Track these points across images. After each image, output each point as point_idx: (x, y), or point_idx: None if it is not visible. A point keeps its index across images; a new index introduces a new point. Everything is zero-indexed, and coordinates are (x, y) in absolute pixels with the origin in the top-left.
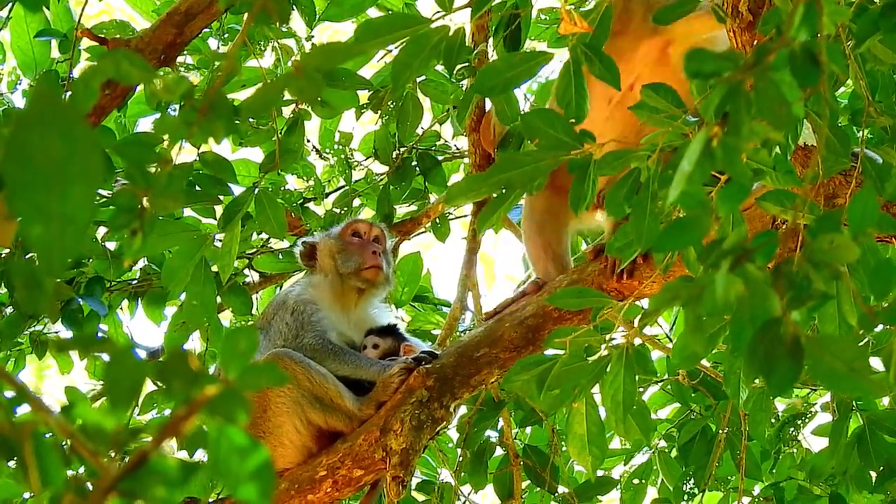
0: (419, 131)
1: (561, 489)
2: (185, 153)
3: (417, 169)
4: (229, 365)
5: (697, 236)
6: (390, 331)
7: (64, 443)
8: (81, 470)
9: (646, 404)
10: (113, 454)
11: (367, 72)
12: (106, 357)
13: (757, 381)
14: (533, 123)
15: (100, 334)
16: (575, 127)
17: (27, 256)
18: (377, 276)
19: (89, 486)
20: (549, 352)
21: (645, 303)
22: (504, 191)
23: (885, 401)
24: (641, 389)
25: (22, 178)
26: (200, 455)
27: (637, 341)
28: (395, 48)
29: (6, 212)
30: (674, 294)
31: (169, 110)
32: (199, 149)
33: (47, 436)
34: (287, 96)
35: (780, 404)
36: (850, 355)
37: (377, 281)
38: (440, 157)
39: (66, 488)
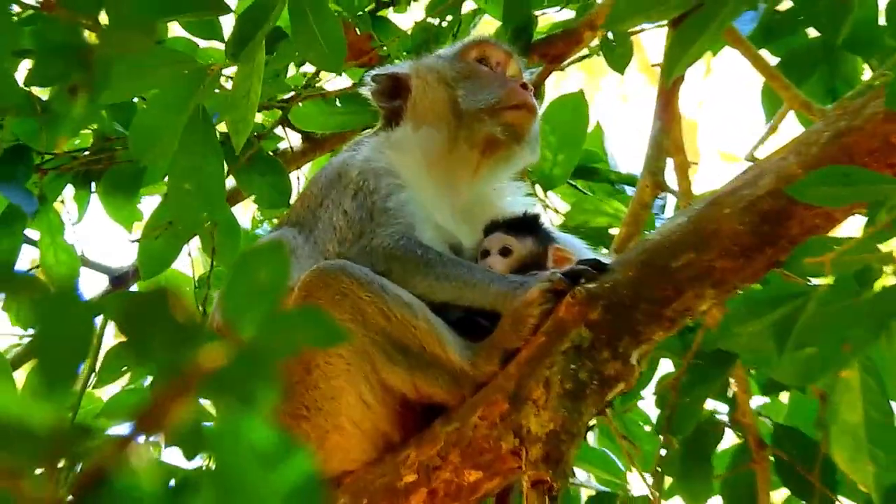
0: None
1: (845, 501)
2: None
3: None
4: (243, 311)
5: None
6: (529, 225)
7: None
8: None
9: None
10: (48, 467)
11: None
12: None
13: None
14: None
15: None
16: None
17: None
18: (526, 121)
19: None
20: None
21: None
22: None
23: None
24: None
25: None
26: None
27: None
28: None
29: None
30: None
31: None
32: None
33: None
34: None
35: None
36: None
37: (524, 130)
38: None
39: None
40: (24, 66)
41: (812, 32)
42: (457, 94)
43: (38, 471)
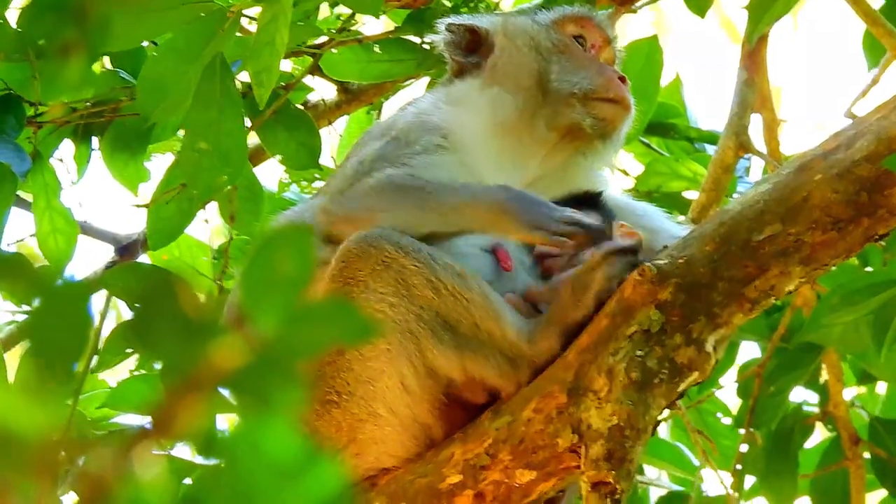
0: None
1: None
2: None
3: None
4: (262, 304)
5: None
6: (593, 201)
7: None
8: None
9: None
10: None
11: None
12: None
13: None
14: None
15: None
16: None
17: None
18: (619, 118)
19: None
20: None
21: None
22: None
23: None
24: None
25: None
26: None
27: None
28: None
29: None
30: None
31: None
32: None
33: None
34: None
35: None
36: None
37: (615, 128)
38: None
39: None
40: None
41: None
42: (550, 67)
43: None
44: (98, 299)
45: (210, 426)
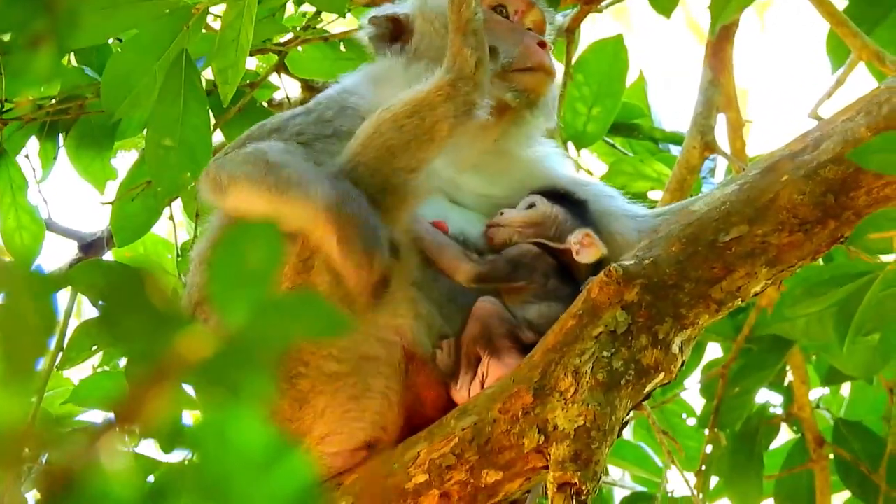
0: None
1: None
2: None
3: None
4: (228, 294)
5: None
6: (569, 199)
7: None
8: None
9: None
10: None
11: None
12: None
13: None
14: None
15: None
16: None
17: None
18: (541, 86)
19: None
20: None
21: None
22: None
23: None
24: None
25: None
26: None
27: None
28: None
29: None
30: None
31: None
32: None
33: None
34: None
35: None
36: None
37: (538, 96)
38: None
39: None
40: None
41: None
42: None
43: None
44: (62, 297)
45: (176, 418)
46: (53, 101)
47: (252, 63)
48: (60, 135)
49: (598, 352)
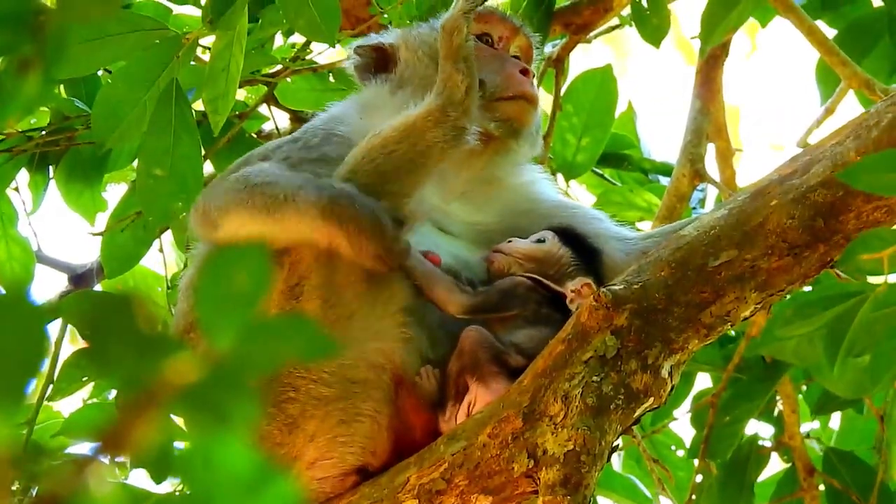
0: None
1: None
2: None
3: None
4: (215, 317)
5: None
6: (580, 244)
7: None
8: None
9: None
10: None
11: None
12: None
13: None
14: None
15: None
16: None
17: None
18: (524, 114)
19: None
20: None
21: None
22: None
23: None
24: None
25: None
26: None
27: None
28: None
29: None
30: None
31: None
32: None
33: None
34: None
35: None
36: None
37: (522, 125)
38: None
39: None
40: None
41: (875, 1)
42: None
43: None
44: (53, 328)
45: (166, 445)
46: (43, 132)
47: (241, 94)
48: (50, 166)
49: (587, 376)
